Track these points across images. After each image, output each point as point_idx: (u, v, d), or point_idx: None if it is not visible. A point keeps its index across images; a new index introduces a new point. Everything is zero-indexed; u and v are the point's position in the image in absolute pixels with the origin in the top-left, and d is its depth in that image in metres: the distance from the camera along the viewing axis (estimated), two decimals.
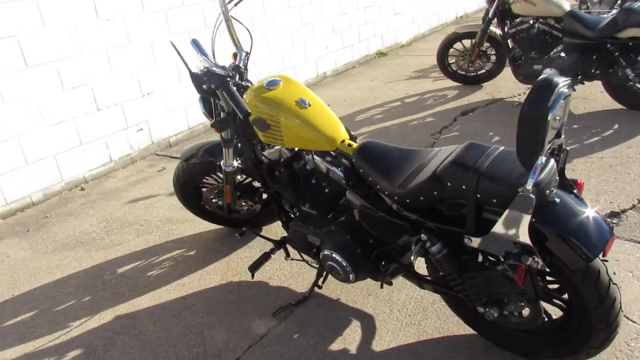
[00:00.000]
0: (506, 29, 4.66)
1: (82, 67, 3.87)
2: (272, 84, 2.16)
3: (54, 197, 3.86)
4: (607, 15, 4.18)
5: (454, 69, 5.32)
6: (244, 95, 2.22)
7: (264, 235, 2.60)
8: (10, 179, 3.59)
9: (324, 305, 2.39)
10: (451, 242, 1.75)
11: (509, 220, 1.52)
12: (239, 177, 2.71)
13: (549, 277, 1.74)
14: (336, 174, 2.10)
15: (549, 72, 4.62)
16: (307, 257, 2.38)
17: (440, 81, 5.69)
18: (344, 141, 2.06)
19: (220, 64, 2.14)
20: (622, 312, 1.63)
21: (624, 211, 2.85)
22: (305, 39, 6.00)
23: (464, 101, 4.96)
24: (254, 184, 2.82)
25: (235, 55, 2.35)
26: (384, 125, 4.53)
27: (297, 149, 2.23)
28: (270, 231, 3.03)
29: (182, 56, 2.02)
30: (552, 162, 1.56)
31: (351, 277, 2.11)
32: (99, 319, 2.46)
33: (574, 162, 3.47)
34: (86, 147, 4.03)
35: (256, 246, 2.92)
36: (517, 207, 1.48)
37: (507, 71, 5.16)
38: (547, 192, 1.53)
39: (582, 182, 1.71)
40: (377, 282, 2.43)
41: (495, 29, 4.85)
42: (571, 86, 1.43)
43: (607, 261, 1.60)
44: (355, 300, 2.40)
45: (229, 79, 1.99)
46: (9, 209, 3.61)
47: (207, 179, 2.86)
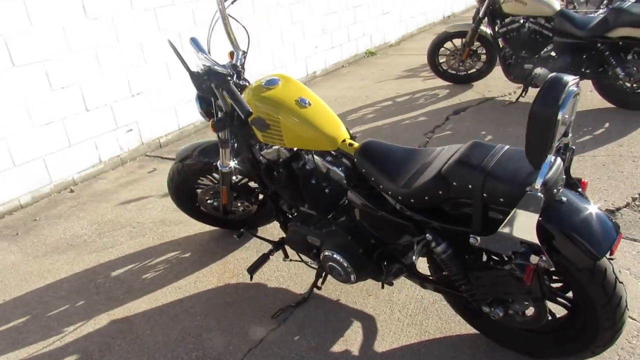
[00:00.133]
0: (497, 29, 4.68)
1: (71, 67, 3.80)
2: (270, 83, 2.13)
3: (42, 199, 3.78)
4: (597, 14, 4.22)
5: (445, 68, 5.33)
6: (242, 94, 2.19)
7: (262, 236, 2.57)
8: None
9: (323, 306, 2.37)
10: (456, 242, 1.74)
11: (515, 219, 1.51)
12: (235, 177, 2.68)
13: (553, 276, 1.74)
14: (337, 174, 2.08)
15: (539, 71, 4.63)
16: (306, 258, 2.35)
17: (430, 80, 5.70)
18: (344, 141, 2.04)
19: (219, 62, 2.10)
20: (628, 310, 1.63)
21: (618, 209, 2.87)
22: (295, 38, 5.97)
23: (455, 100, 4.97)
24: (250, 184, 2.79)
25: (231, 54, 2.31)
26: (375, 124, 4.52)
27: (297, 149, 2.20)
28: (266, 232, 3.00)
29: (180, 55, 1.98)
30: (559, 160, 1.55)
31: (352, 277, 2.09)
32: (94, 324, 2.41)
33: None
34: (75, 149, 3.95)
35: (252, 247, 2.89)
36: (525, 206, 1.47)
37: (497, 70, 5.19)
38: (555, 191, 1.52)
39: (586, 181, 1.71)
40: (377, 283, 2.42)
41: (485, 28, 4.87)
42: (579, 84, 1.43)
43: (613, 259, 1.61)
44: (355, 300, 2.38)
45: (230, 78, 1.96)
46: None
47: (202, 180, 2.82)
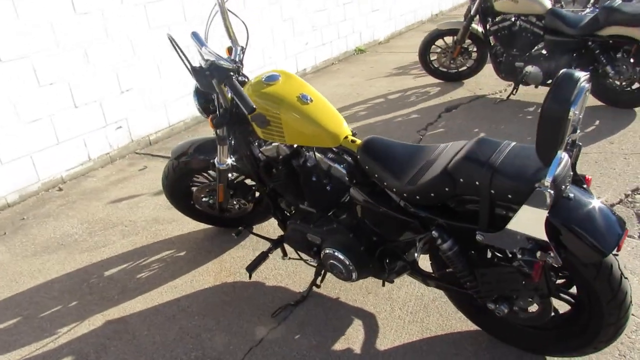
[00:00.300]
0: (488, 26, 4.70)
1: (59, 63, 3.71)
2: (271, 79, 2.10)
3: (30, 198, 3.70)
4: (585, 13, 4.26)
5: (436, 65, 5.34)
6: None
7: (260, 234, 2.54)
8: None
9: (323, 304, 2.35)
10: (462, 239, 1.73)
11: (523, 215, 1.51)
12: (231, 175, 2.64)
13: (558, 272, 1.74)
14: (338, 171, 2.06)
15: (530, 69, 4.66)
16: (305, 256, 2.33)
17: (421, 78, 5.71)
18: (347, 137, 2.02)
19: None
20: (632, 305, 1.64)
21: (612, 206, 2.90)
22: (285, 35, 5.93)
23: (446, 98, 4.99)
24: (247, 182, 2.76)
25: (229, 49, 2.27)
26: (368, 122, 4.51)
27: (297, 146, 2.18)
28: (261, 230, 2.97)
29: (181, 49, 1.94)
30: (567, 157, 1.55)
31: (354, 275, 2.07)
32: (89, 325, 2.36)
33: None
34: (63, 146, 3.87)
35: (248, 245, 2.86)
36: (534, 202, 1.46)
37: (487, 68, 5.22)
38: (563, 187, 1.52)
39: (590, 178, 1.72)
40: (376, 280, 2.42)
41: (477, 26, 4.89)
42: (590, 81, 1.42)
43: (618, 255, 1.61)
44: (355, 298, 2.36)
45: (233, 73, 1.92)
46: None
47: (198, 178, 2.77)
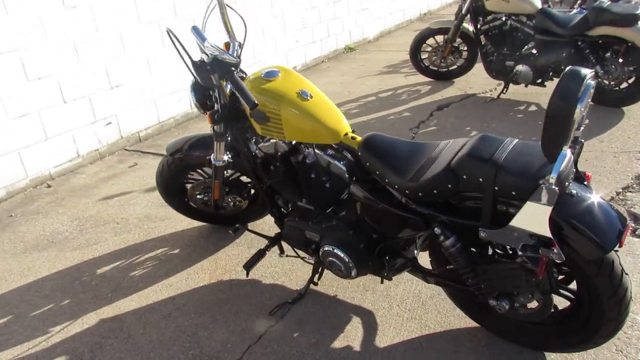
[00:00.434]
0: (479, 26, 4.73)
1: (48, 57, 3.65)
2: (270, 75, 2.08)
3: (18, 194, 3.62)
4: (575, 13, 4.31)
5: (427, 64, 5.36)
6: None
7: (257, 231, 2.51)
8: None
9: (321, 302, 2.34)
10: (464, 235, 1.73)
11: (528, 212, 1.51)
12: (227, 172, 2.62)
13: (559, 268, 1.75)
14: (338, 167, 2.05)
15: (521, 68, 4.69)
16: (302, 254, 2.32)
17: (411, 76, 5.72)
18: (347, 134, 2.01)
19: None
20: (632, 301, 1.66)
21: None
22: (275, 32, 5.90)
23: (437, 96, 5.01)
24: (242, 179, 2.74)
25: (227, 44, 2.24)
26: (360, 119, 4.50)
27: (295, 142, 2.16)
28: (256, 228, 2.94)
29: (181, 44, 1.91)
30: (570, 153, 1.56)
31: (353, 273, 2.07)
32: (82, 323, 2.32)
33: None
34: (52, 142, 3.80)
35: (243, 243, 2.83)
36: (539, 199, 1.47)
37: (477, 67, 5.25)
38: (566, 184, 1.53)
39: (590, 175, 1.73)
40: (373, 278, 2.42)
41: (468, 25, 4.91)
42: (596, 78, 1.43)
43: (618, 251, 1.63)
44: (352, 296, 2.36)
45: (234, 68, 1.90)
46: None
47: (192, 174, 2.74)
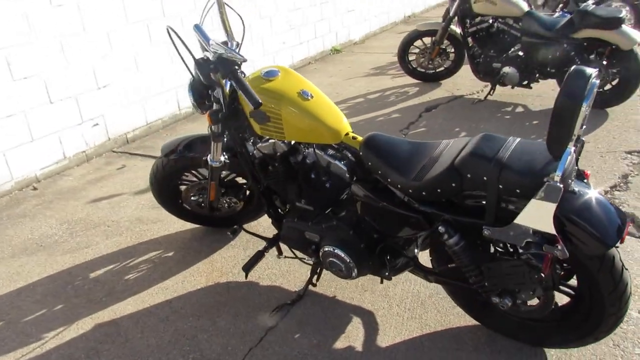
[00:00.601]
0: (466, 28, 4.78)
1: (34, 57, 3.57)
2: (270, 75, 2.07)
3: (3, 197, 3.54)
4: (557, 17, 4.39)
5: (414, 66, 5.40)
6: None
7: (256, 233, 2.50)
8: None
9: (320, 303, 2.33)
10: (467, 234, 1.75)
11: (532, 210, 1.53)
12: (222, 172, 2.60)
13: (561, 265, 1.78)
14: (339, 167, 2.05)
15: (508, 70, 4.75)
16: (300, 255, 2.31)
17: (398, 78, 5.76)
18: (347, 134, 2.02)
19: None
20: (632, 295, 1.69)
21: None
22: (263, 33, 5.88)
23: (425, 98, 5.05)
24: (238, 180, 2.72)
25: (224, 44, 2.22)
26: (350, 121, 4.51)
27: (294, 142, 2.15)
28: (251, 229, 2.92)
29: (183, 41, 1.88)
30: (572, 151, 1.58)
31: (354, 273, 2.07)
32: (77, 328, 2.27)
33: None
34: (38, 143, 3.72)
35: (239, 245, 2.81)
36: (544, 196, 1.49)
37: (464, 69, 5.31)
38: (569, 181, 1.56)
39: (589, 172, 1.76)
40: (372, 278, 2.42)
41: (455, 27, 4.96)
42: (599, 77, 1.46)
43: (618, 247, 1.66)
44: (352, 296, 2.35)
45: (238, 67, 1.88)
46: None
47: (187, 176, 2.71)
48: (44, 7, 3.57)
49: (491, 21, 4.60)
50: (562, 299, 1.91)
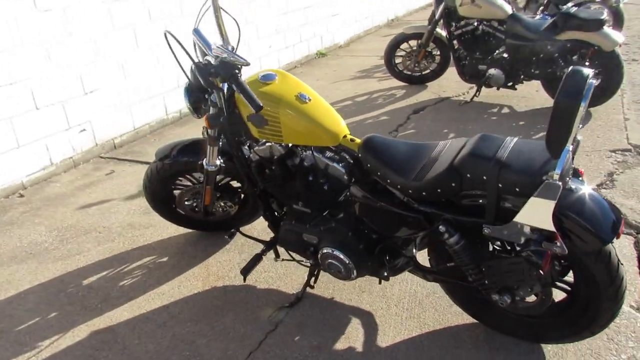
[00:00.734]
0: (452, 31, 4.84)
1: (20, 62, 3.52)
2: (267, 78, 2.08)
3: None
4: (541, 19, 4.48)
5: (400, 68, 5.45)
6: None
7: (253, 236, 2.49)
8: None
9: (318, 305, 2.34)
10: (467, 233, 1.77)
11: (532, 208, 1.56)
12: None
13: (559, 261, 1.81)
14: (337, 170, 2.06)
15: (493, 71, 4.82)
16: (298, 257, 2.32)
17: (385, 81, 5.80)
18: (346, 136, 2.03)
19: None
20: (627, 290, 1.73)
21: None
22: (249, 37, 5.88)
23: (412, 100, 5.09)
24: (232, 183, 2.71)
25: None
26: None
27: (291, 145, 2.16)
28: (245, 232, 2.91)
29: (182, 45, 1.88)
30: (570, 150, 1.62)
31: (353, 274, 2.08)
32: (73, 336, 2.24)
33: None
34: (24, 150, 3.66)
35: (233, 249, 2.80)
36: (544, 194, 1.52)
37: (449, 72, 5.38)
38: (567, 179, 1.59)
39: (583, 170, 1.80)
40: (369, 279, 2.43)
41: (440, 30, 5.02)
42: (595, 77, 1.50)
43: (614, 243, 1.70)
44: (350, 298, 2.37)
45: (238, 70, 1.89)
46: None
47: (181, 180, 2.70)
48: (30, 12, 3.53)
49: (476, 24, 4.66)
50: (557, 295, 1.95)
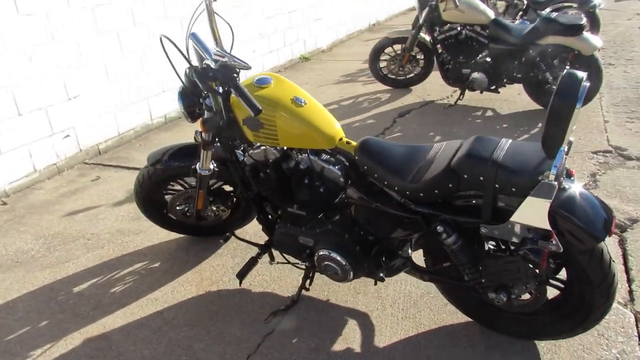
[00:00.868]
0: (435, 35, 4.91)
1: (1, 67, 3.45)
2: (262, 82, 2.08)
3: None
4: (520, 24, 4.58)
5: (385, 72, 5.50)
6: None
7: (247, 239, 2.49)
8: None
9: (314, 307, 2.34)
10: (465, 233, 1.80)
11: (528, 207, 1.60)
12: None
13: (554, 259, 1.85)
14: (333, 172, 2.07)
15: (477, 75, 4.90)
16: (293, 260, 2.32)
17: (369, 85, 5.85)
18: (341, 139, 2.05)
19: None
20: (618, 286, 1.78)
21: None
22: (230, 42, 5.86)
23: (397, 104, 5.15)
24: (225, 188, 2.71)
25: None
26: None
27: (286, 148, 2.17)
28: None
29: (179, 49, 1.88)
30: (565, 151, 1.66)
31: (350, 275, 2.09)
32: (66, 344, 2.20)
33: None
34: (6, 157, 3.59)
35: (226, 253, 2.79)
36: (539, 194, 1.56)
37: (433, 75, 5.45)
38: (561, 179, 1.64)
39: (574, 170, 1.85)
40: (364, 280, 2.45)
41: (424, 35, 5.09)
42: (589, 80, 1.54)
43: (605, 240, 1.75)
44: (345, 299, 2.38)
45: (236, 74, 1.89)
46: None
47: (173, 185, 2.68)
48: (11, 16, 3.47)
49: (459, 28, 4.74)
50: (551, 293, 1.99)
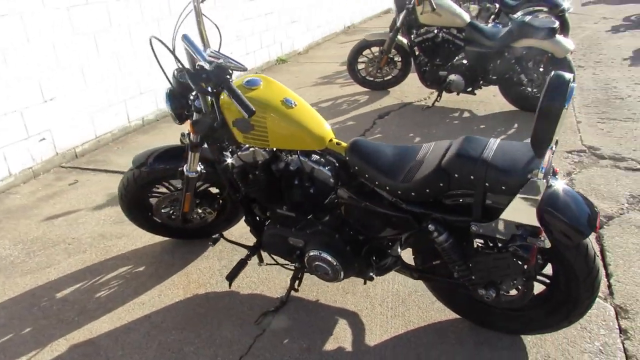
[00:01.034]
0: (413, 38, 4.99)
1: None
2: (252, 84, 2.09)
3: None
4: (492, 27, 4.69)
5: (363, 75, 5.55)
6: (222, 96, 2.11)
7: (236, 241, 2.48)
8: None
9: (304, 308, 2.35)
10: (455, 231, 1.84)
11: (517, 205, 1.65)
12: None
13: (542, 255, 1.91)
14: (323, 173, 2.08)
15: (454, 77, 4.99)
16: (281, 261, 2.33)
17: (347, 87, 5.89)
18: (331, 140, 2.07)
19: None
20: (602, 280, 1.85)
21: None
22: (211, 43, 5.82)
23: (376, 105, 5.20)
24: (211, 190, 2.69)
25: None
26: None
27: (276, 150, 2.18)
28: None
29: (173, 52, 1.87)
30: (552, 150, 1.72)
31: (341, 275, 2.11)
32: (51, 351, 2.15)
33: None
34: None
35: (212, 256, 2.78)
36: (528, 192, 1.61)
37: (410, 77, 5.53)
38: (549, 177, 1.69)
39: (558, 169, 1.91)
40: (352, 280, 2.48)
41: (402, 37, 5.16)
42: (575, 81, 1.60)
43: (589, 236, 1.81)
44: (334, 299, 2.40)
45: (229, 76, 1.88)
46: None
47: (158, 188, 2.65)
48: None
49: (436, 31, 4.82)
50: (537, 289, 2.05)
